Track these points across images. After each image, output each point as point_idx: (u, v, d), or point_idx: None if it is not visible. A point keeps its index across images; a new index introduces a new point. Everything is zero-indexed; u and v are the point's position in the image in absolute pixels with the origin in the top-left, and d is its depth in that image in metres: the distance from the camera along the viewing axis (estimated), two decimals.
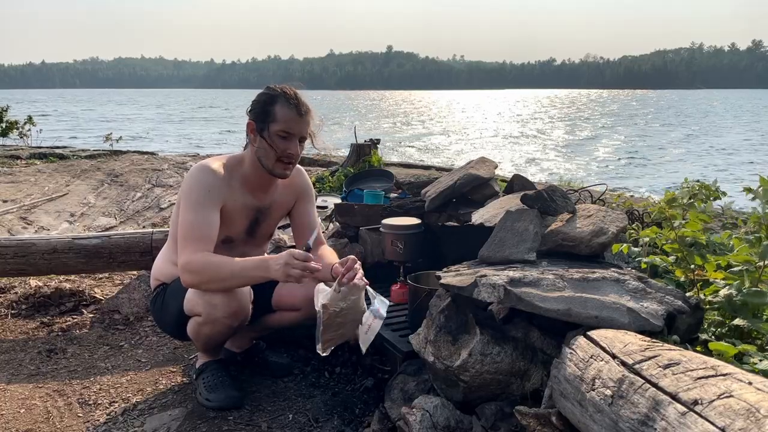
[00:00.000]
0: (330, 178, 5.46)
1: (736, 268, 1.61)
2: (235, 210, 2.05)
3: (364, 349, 1.82)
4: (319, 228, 2.23)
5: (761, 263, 1.53)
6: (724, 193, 2.43)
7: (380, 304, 1.82)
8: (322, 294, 1.81)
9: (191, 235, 1.88)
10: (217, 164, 2.01)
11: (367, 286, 1.85)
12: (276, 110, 1.96)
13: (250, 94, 2.16)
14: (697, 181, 2.47)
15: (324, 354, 1.82)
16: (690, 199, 2.35)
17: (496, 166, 2.85)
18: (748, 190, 1.92)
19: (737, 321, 1.44)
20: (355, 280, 1.79)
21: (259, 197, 2.12)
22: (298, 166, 2.18)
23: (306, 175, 2.29)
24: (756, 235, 1.75)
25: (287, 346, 2.50)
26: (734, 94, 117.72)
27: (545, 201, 1.90)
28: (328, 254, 2.13)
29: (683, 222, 1.82)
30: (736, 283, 1.52)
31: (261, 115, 1.98)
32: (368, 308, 1.83)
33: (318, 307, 1.77)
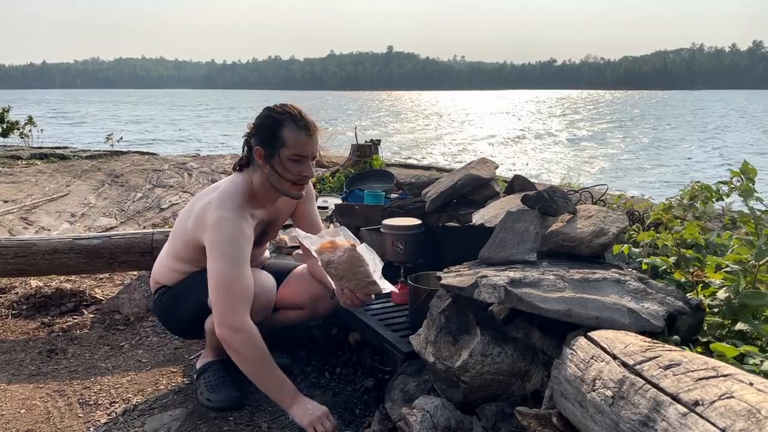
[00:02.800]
0: (330, 178, 5.46)
1: (732, 269, 1.60)
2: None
3: (388, 288, 1.94)
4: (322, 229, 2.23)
5: (757, 263, 1.52)
6: (728, 195, 2.41)
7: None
8: (307, 240, 1.93)
9: (237, 292, 1.84)
10: (238, 212, 1.94)
11: (359, 247, 1.94)
12: (285, 134, 1.91)
13: (253, 94, 2.15)
14: (698, 182, 2.47)
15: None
16: (690, 200, 2.35)
17: (496, 167, 2.85)
18: (724, 183, 1.89)
19: (738, 326, 1.43)
20: (339, 240, 1.91)
21: (268, 211, 2.13)
22: None
23: None
24: (751, 237, 1.74)
25: (288, 347, 2.50)
26: (736, 94, 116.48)
27: (546, 201, 1.90)
28: None
29: (681, 227, 1.82)
30: (733, 285, 1.51)
31: (269, 140, 1.93)
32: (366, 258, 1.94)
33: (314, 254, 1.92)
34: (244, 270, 1.87)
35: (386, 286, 1.93)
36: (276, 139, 1.92)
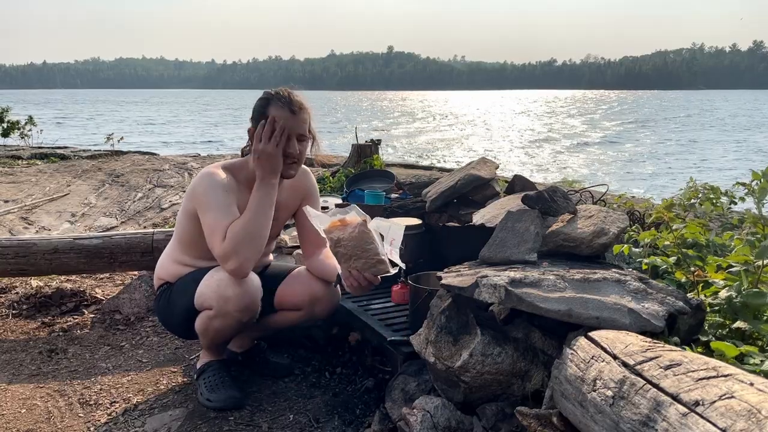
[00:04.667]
0: (331, 178, 5.46)
1: (734, 269, 1.60)
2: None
3: (396, 266, 1.94)
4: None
5: (760, 263, 1.52)
6: (734, 197, 2.40)
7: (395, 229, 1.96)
8: (317, 220, 1.93)
9: (221, 229, 1.90)
10: (220, 169, 2.04)
11: (374, 222, 1.94)
12: (270, 112, 2.00)
13: (255, 95, 2.17)
14: (705, 183, 2.46)
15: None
16: (692, 200, 2.34)
17: (497, 167, 2.85)
18: (742, 183, 1.89)
19: (738, 324, 1.43)
20: (349, 217, 1.90)
21: None
22: (304, 167, 2.19)
23: (312, 176, 2.29)
24: (758, 235, 1.74)
25: (288, 347, 2.50)
26: (736, 94, 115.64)
27: (546, 201, 1.90)
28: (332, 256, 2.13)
29: (682, 226, 1.82)
30: (735, 284, 1.51)
31: (257, 119, 2.02)
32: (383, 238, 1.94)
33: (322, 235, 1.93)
34: (221, 212, 1.93)
35: (393, 268, 1.95)
36: (263, 116, 2.00)
